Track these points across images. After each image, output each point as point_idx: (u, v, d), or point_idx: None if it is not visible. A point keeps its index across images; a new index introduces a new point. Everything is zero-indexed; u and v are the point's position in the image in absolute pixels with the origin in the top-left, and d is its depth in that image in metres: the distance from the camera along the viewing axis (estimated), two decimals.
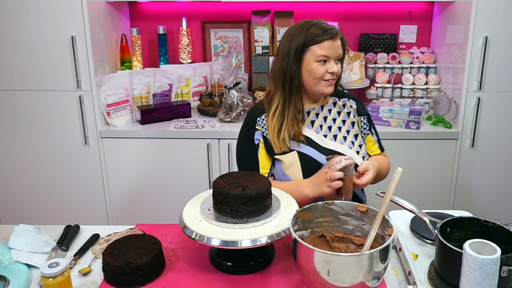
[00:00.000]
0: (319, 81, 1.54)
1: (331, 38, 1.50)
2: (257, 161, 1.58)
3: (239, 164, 1.64)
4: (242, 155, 1.63)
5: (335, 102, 1.66)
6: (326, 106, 1.64)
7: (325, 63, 1.52)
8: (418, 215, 1.26)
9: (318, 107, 1.63)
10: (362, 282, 1.02)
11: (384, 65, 2.69)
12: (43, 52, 2.34)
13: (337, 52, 1.52)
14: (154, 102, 2.58)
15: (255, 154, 1.58)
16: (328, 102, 1.65)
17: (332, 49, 1.51)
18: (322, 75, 1.53)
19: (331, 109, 1.64)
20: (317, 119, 1.61)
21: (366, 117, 1.68)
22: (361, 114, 1.67)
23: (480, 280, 0.97)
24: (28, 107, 2.43)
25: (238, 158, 1.64)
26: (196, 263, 1.30)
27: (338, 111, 1.64)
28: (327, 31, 1.50)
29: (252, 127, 1.59)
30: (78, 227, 1.50)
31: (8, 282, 1.19)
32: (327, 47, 1.50)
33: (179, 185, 2.49)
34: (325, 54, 1.50)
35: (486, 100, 2.35)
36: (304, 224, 1.21)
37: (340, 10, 2.74)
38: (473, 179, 2.47)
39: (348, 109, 1.66)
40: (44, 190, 2.57)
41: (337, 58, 1.53)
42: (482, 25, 2.25)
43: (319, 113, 1.62)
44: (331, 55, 1.51)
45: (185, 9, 2.81)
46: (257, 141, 1.58)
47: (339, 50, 1.53)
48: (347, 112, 1.65)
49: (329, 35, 1.50)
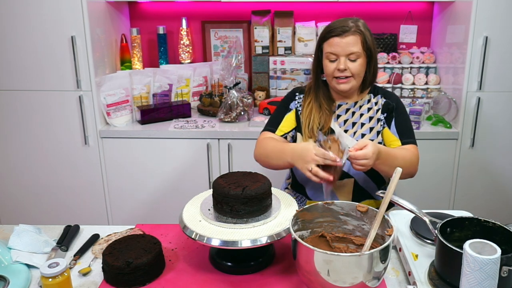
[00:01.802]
0: (331, 78, 1.59)
1: (337, 35, 1.52)
2: (280, 121, 1.68)
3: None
4: (272, 114, 1.73)
5: (369, 100, 1.67)
6: (359, 103, 1.66)
7: (335, 60, 1.54)
8: (418, 215, 1.25)
9: (351, 103, 1.66)
10: (362, 282, 1.02)
11: (384, 65, 2.69)
12: (43, 52, 2.34)
13: (345, 50, 1.53)
14: (154, 102, 2.58)
15: (282, 115, 1.69)
16: (362, 99, 1.67)
17: (339, 46, 1.52)
18: (332, 72, 1.56)
19: (363, 105, 1.66)
20: (345, 114, 1.65)
21: (387, 114, 1.64)
22: (383, 111, 1.64)
23: (480, 280, 0.97)
24: (28, 107, 2.43)
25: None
26: (196, 263, 1.30)
27: (369, 107, 1.65)
28: (335, 28, 1.53)
29: (290, 99, 1.71)
30: (78, 227, 1.50)
31: (8, 282, 1.19)
32: (333, 44, 1.53)
33: (179, 185, 2.49)
34: (331, 51, 1.53)
35: (486, 100, 2.35)
36: (304, 224, 1.21)
37: (340, 10, 2.74)
38: (473, 179, 2.47)
39: (379, 106, 1.66)
40: (44, 190, 2.57)
41: (348, 55, 1.53)
42: (482, 25, 2.25)
43: (350, 109, 1.66)
44: (339, 52, 1.53)
45: (185, 9, 2.81)
46: (291, 108, 1.69)
47: (349, 48, 1.53)
48: (376, 109, 1.65)
49: (335, 32, 1.53)
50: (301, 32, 2.70)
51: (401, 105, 1.67)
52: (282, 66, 2.70)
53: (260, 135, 1.69)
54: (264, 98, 2.70)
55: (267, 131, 1.68)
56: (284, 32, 2.70)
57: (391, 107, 1.64)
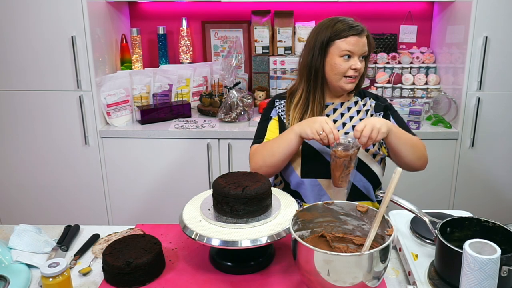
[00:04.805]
0: (341, 77, 1.56)
1: (356, 34, 1.52)
2: (265, 132, 1.65)
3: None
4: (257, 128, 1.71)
5: (357, 101, 1.67)
6: (346, 104, 1.66)
7: (349, 58, 1.54)
8: (418, 215, 1.26)
9: (338, 103, 1.65)
10: (362, 282, 1.02)
11: (384, 65, 2.69)
12: (43, 52, 2.34)
13: (362, 49, 1.53)
14: (154, 102, 2.58)
15: (265, 127, 1.67)
16: (349, 100, 1.66)
17: (357, 45, 1.52)
18: (345, 71, 1.55)
19: (351, 107, 1.65)
20: (333, 114, 1.64)
21: (382, 113, 1.65)
22: (378, 111, 1.66)
23: (480, 280, 0.97)
24: (28, 107, 2.43)
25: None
26: (196, 263, 1.30)
27: (358, 109, 1.65)
28: (353, 27, 1.52)
29: (270, 108, 1.70)
30: (78, 227, 1.50)
31: (8, 282, 1.19)
32: (352, 43, 1.52)
33: (179, 185, 2.49)
34: (349, 49, 1.52)
35: (486, 100, 2.35)
36: (304, 224, 1.21)
37: (340, 10, 2.74)
38: (473, 179, 2.47)
39: (367, 107, 1.66)
40: (44, 190, 2.57)
41: (362, 55, 1.54)
42: (482, 25, 2.25)
43: (337, 109, 1.65)
44: (356, 51, 1.53)
45: (185, 9, 2.81)
46: (271, 116, 1.68)
47: (364, 48, 1.54)
48: (365, 110, 1.65)
49: (354, 31, 1.52)
50: (301, 32, 2.70)
51: (392, 106, 1.70)
52: (282, 66, 2.70)
53: (251, 150, 1.63)
54: (264, 98, 2.70)
55: (256, 144, 1.64)
56: (284, 32, 2.70)
57: (385, 106, 1.66)
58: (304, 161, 1.59)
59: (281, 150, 1.50)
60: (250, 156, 1.61)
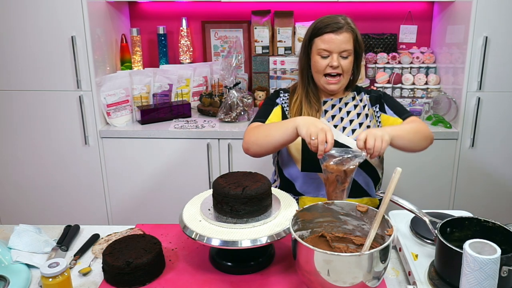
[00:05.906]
0: (321, 75, 1.57)
1: (332, 32, 1.51)
2: (268, 114, 1.65)
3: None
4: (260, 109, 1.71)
5: (354, 97, 1.68)
6: (343, 99, 1.67)
7: (328, 57, 1.53)
8: (418, 215, 1.26)
9: (336, 99, 1.67)
10: (362, 282, 1.02)
11: (384, 65, 2.69)
12: (43, 52, 2.34)
13: (339, 47, 1.52)
14: (154, 102, 2.58)
15: (270, 109, 1.67)
16: (346, 96, 1.68)
17: (333, 42, 1.52)
18: (323, 69, 1.55)
19: (348, 103, 1.66)
20: (332, 110, 1.65)
21: (378, 105, 1.65)
22: (373, 103, 1.66)
23: (480, 280, 0.97)
24: (28, 107, 2.43)
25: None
26: (196, 263, 1.30)
27: (355, 104, 1.66)
28: (329, 24, 1.51)
29: (276, 96, 1.71)
30: (78, 227, 1.50)
31: (8, 282, 1.19)
32: (327, 41, 1.52)
33: (179, 185, 2.49)
34: (325, 48, 1.52)
35: (486, 100, 2.35)
36: (304, 224, 1.21)
37: (340, 10, 2.74)
38: (473, 179, 2.47)
39: (364, 102, 1.67)
40: (44, 190, 2.57)
41: (341, 52, 1.53)
42: (482, 25, 2.25)
43: (336, 105, 1.66)
44: (332, 49, 1.52)
45: (185, 9, 2.81)
46: (277, 102, 1.69)
47: (343, 45, 1.53)
48: (363, 105, 1.66)
49: (330, 28, 1.51)
50: (301, 32, 2.70)
51: (385, 94, 1.71)
52: (282, 66, 2.70)
53: (249, 126, 1.61)
54: (264, 98, 2.70)
55: (256, 122, 1.63)
56: (284, 32, 2.70)
57: (378, 96, 1.67)
58: (305, 156, 1.60)
59: (277, 135, 1.47)
60: (246, 131, 1.59)
